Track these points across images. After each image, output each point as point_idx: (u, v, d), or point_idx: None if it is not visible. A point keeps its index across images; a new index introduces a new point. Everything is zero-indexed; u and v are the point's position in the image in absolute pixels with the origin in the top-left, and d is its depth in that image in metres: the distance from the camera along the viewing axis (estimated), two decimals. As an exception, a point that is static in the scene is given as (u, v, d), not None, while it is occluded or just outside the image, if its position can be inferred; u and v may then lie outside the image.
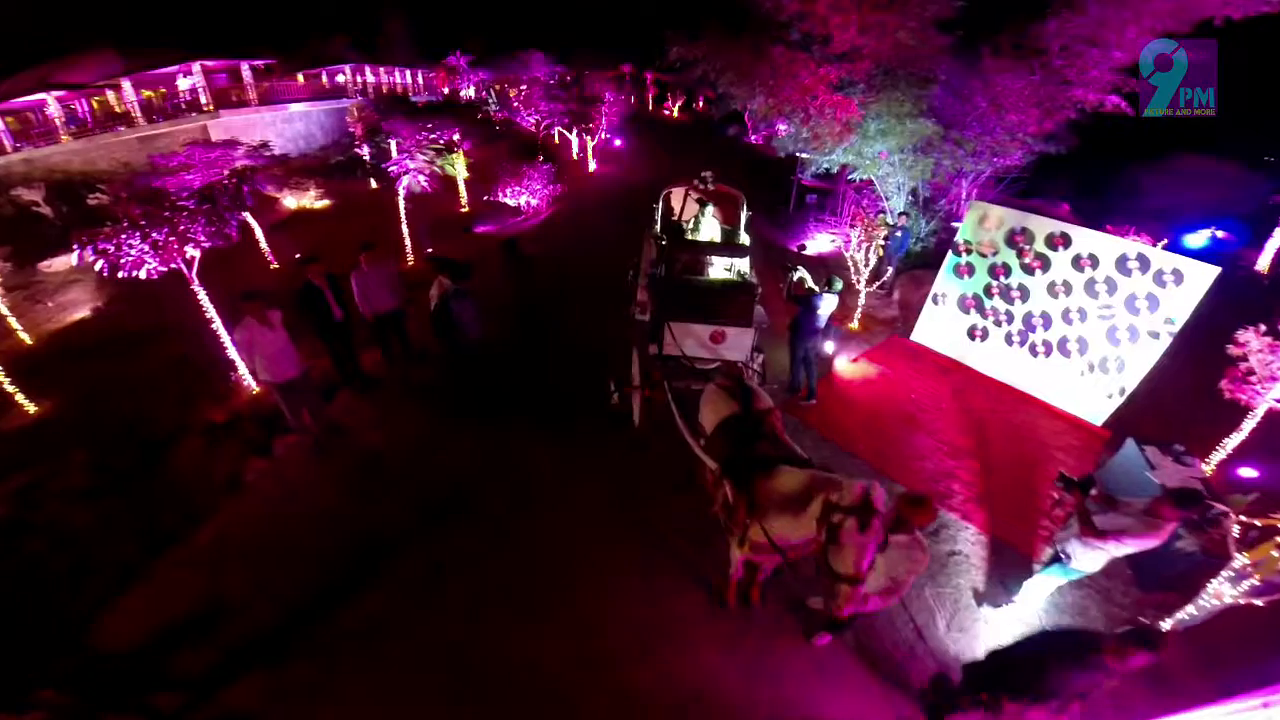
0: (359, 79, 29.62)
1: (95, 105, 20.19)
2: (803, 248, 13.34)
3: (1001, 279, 8.05)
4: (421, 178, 11.75)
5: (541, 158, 18.43)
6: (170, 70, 19.26)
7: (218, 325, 8.24)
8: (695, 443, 4.48)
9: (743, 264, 6.92)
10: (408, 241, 12.91)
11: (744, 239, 7.45)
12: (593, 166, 23.38)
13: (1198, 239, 20.55)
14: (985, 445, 7.05)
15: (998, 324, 8.21)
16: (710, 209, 7.28)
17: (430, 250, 12.92)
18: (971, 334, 8.47)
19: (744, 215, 7.53)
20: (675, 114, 43.09)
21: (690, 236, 7.37)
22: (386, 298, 7.19)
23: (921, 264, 10.64)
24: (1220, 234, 21.29)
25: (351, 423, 7.01)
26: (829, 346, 8.04)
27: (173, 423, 7.44)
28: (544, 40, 32.10)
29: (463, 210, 17.37)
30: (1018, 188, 11.55)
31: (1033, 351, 7.93)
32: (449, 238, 14.90)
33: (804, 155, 11.29)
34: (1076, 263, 7.36)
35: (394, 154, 12.24)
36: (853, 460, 6.63)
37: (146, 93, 20.80)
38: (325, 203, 18.30)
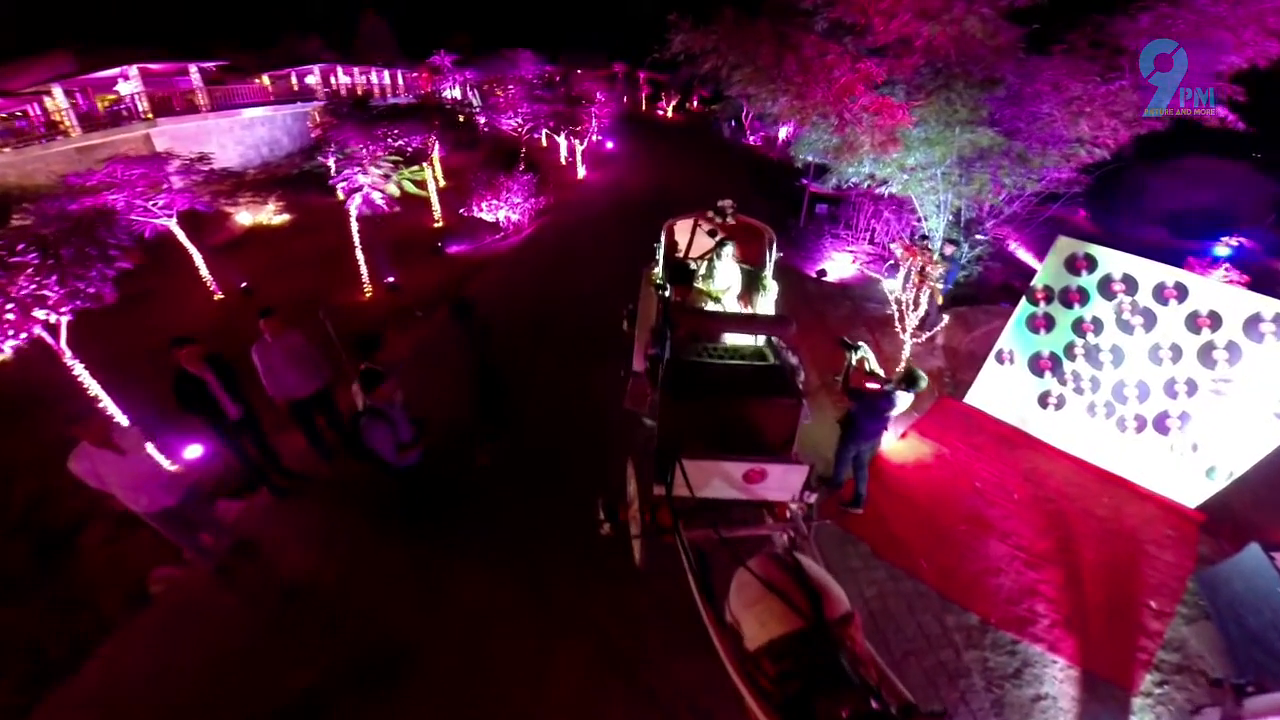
0: (332, 80, 27.75)
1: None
2: (822, 273, 11.69)
3: (1089, 337, 6.45)
4: (376, 195, 10.03)
5: (523, 166, 16.76)
6: (108, 75, 17.44)
7: (110, 406, 6.63)
8: (725, 648, 2.85)
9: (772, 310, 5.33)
10: (364, 269, 11.18)
11: (770, 287, 5.80)
12: (582, 172, 21.72)
13: (1222, 247, 19.17)
14: (1068, 546, 5.75)
15: (1078, 391, 6.63)
16: (729, 248, 5.62)
17: (391, 280, 11.25)
18: (1043, 401, 6.89)
19: (772, 256, 5.86)
20: (669, 114, 41.65)
21: (702, 284, 5.73)
22: (297, 380, 5.46)
23: (966, 299, 9.07)
24: (1244, 241, 19.93)
25: (269, 538, 5.45)
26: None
27: (81, 505, 6.07)
28: (534, 39, 30.54)
29: (436, 225, 15.69)
30: (1072, 207, 9.94)
31: (1120, 426, 6.39)
32: (417, 260, 13.22)
33: (825, 163, 9.52)
34: (1192, 322, 5.77)
35: (365, 160, 10.54)
36: (914, 585, 5.20)
37: (108, 98, 19.05)
38: (285, 218, 16.58)
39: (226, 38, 25.72)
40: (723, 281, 5.60)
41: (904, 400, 4.96)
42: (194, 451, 6.15)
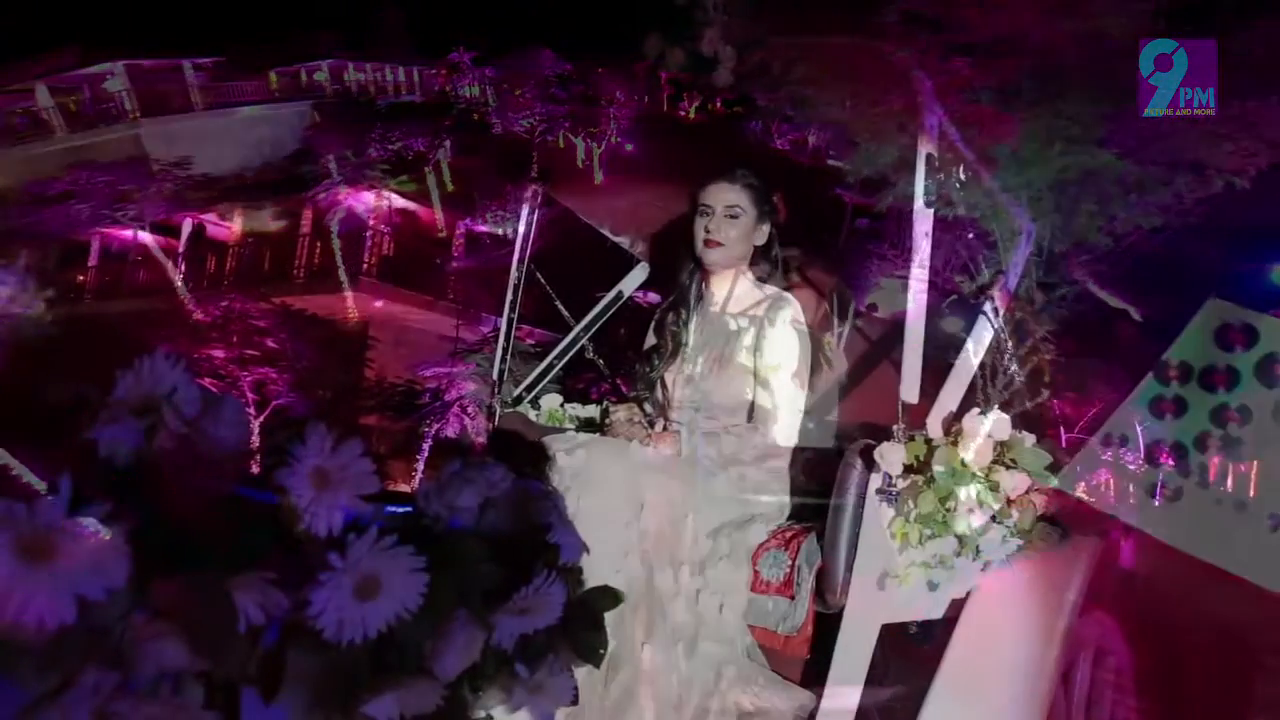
0: (345, 77, 26.90)
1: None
2: (873, 307, 10.21)
3: (1232, 428, 5.00)
4: (359, 208, 8.93)
5: (535, 171, 15.57)
6: (93, 71, 16.64)
7: (25, 473, 5.53)
8: None
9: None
10: (348, 290, 10.06)
11: (837, 362, 4.39)
12: (599, 177, 20.56)
13: (1292, 272, 17.39)
14: (1170, 660, 4.53)
15: (1203, 486, 5.20)
16: (786, 312, 4.18)
17: (379, 303, 10.16)
18: (1155, 491, 5.47)
19: (846, 323, 4.44)
20: (691, 115, 40.46)
21: (745, 358, 4.36)
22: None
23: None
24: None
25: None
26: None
27: None
28: (554, 37, 29.61)
29: (439, 235, 14.61)
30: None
31: (1251, 523, 5.03)
32: (414, 276, 12.09)
33: (883, 178, 7.98)
34: (1386, 420, 4.36)
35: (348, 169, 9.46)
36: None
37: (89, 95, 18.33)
38: (281, 223, 15.59)
39: (234, 33, 25.05)
40: (774, 356, 4.21)
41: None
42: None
